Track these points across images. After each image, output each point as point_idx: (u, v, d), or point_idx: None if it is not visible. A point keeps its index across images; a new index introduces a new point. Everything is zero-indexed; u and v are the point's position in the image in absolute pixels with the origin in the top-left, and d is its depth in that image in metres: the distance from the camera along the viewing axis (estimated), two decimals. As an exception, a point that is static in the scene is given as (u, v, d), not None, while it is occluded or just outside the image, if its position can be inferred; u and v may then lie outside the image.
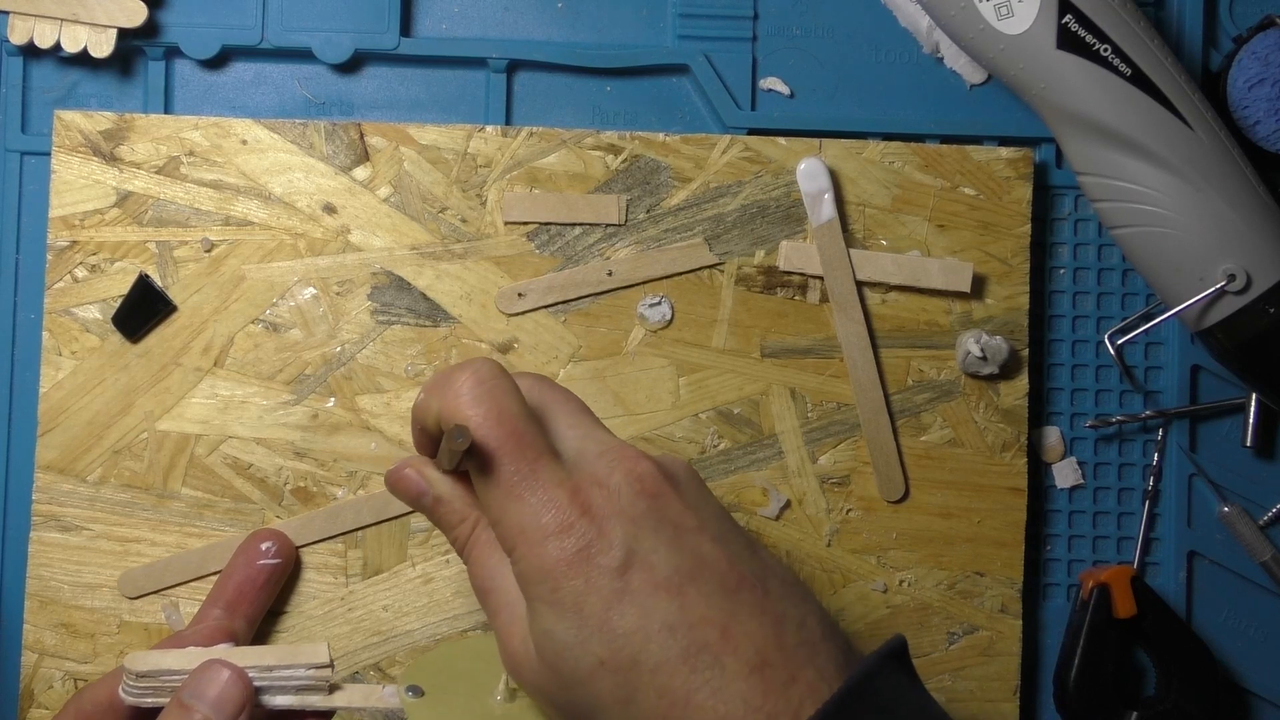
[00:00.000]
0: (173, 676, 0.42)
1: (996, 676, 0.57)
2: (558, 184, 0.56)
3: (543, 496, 0.38)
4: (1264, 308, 0.53)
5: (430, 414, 0.41)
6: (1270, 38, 0.57)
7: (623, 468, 0.39)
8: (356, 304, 0.56)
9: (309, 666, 0.43)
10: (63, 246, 0.55)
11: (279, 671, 0.43)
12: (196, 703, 0.41)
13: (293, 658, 0.43)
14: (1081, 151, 0.54)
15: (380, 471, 0.55)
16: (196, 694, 0.41)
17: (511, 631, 0.39)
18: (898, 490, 0.57)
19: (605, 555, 0.37)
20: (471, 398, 0.39)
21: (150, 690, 0.43)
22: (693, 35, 0.58)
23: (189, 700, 0.41)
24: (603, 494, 0.38)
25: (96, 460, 0.55)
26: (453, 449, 0.39)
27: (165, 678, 0.42)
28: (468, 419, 0.39)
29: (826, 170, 0.56)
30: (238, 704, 0.41)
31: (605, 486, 0.38)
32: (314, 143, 0.56)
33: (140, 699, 0.43)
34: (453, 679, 0.45)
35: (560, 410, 0.42)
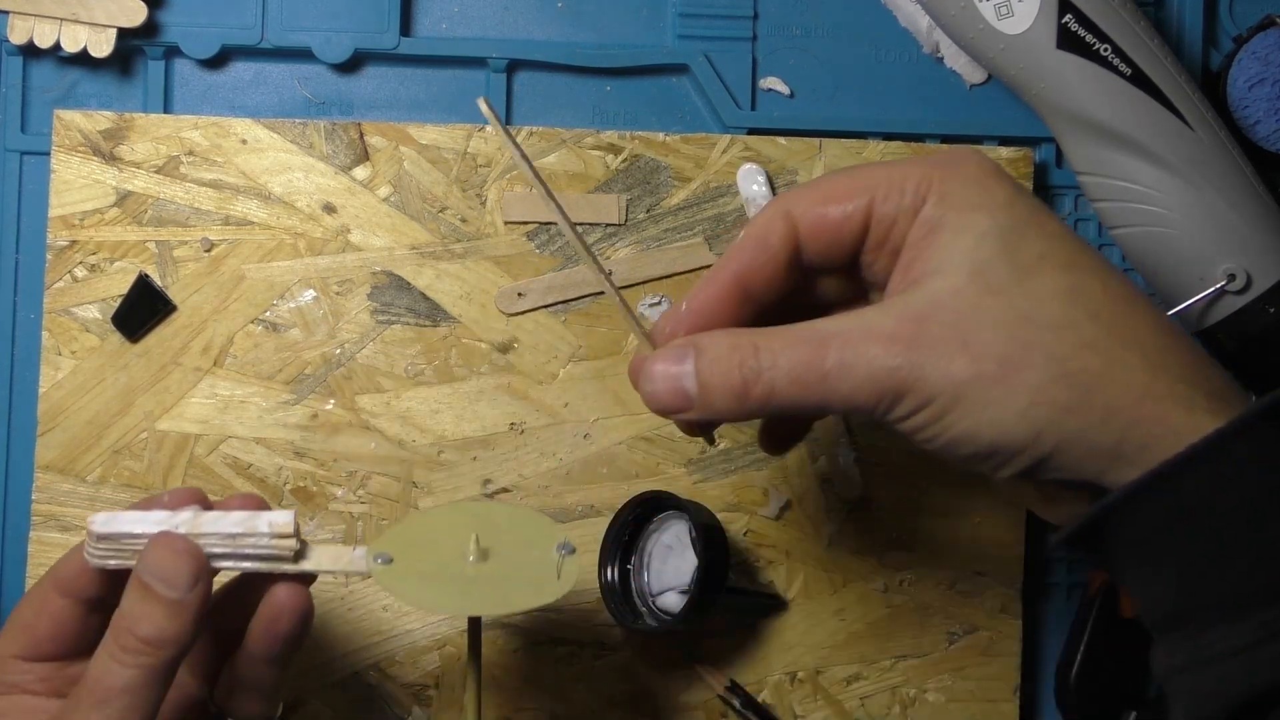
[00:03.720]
0: (134, 540, 0.42)
1: (996, 676, 0.57)
2: (558, 184, 0.56)
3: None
4: (1264, 308, 0.53)
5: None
6: (1270, 38, 0.57)
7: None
8: (356, 304, 0.56)
9: (272, 535, 0.42)
10: (62, 246, 0.55)
11: (242, 540, 0.42)
12: (151, 578, 0.40)
13: (256, 525, 0.42)
14: (1081, 151, 0.54)
15: (380, 471, 0.55)
16: (149, 568, 0.41)
17: (902, 307, 0.38)
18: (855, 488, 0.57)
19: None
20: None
21: (112, 552, 0.42)
22: (693, 35, 0.58)
23: (144, 576, 0.41)
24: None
25: (96, 460, 0.55)
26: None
27: (126, 540, 0.42)
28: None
29: (764, 175, 0.56)
30: (189, 579, 0.41)
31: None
32: (314, 142, 0.56)
33: (104, 561, 0.42)
34: (421, 547, 0.45)
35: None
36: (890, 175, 0.39)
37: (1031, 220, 0.38)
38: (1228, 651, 0.34)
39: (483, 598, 0.43)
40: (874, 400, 0.37)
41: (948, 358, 0.36)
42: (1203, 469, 0.34)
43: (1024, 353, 0.36)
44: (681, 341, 0.40)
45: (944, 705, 0.57)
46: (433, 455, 0.56)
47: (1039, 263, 0.37)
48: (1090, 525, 0.36)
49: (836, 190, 0.40)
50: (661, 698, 0.56)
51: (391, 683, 0.55)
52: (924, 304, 0.37)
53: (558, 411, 0.56)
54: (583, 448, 0.56)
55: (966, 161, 0.39)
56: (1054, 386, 0.36)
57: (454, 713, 0.55)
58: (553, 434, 0.56)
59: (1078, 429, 0.36)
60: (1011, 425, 0.36)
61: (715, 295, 0.41)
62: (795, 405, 0.38)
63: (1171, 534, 0.35)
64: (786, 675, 0.57)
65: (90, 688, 0.40)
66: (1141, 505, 0.35)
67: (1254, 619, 0.34)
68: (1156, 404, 0.35)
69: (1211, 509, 0.35)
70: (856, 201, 0.40)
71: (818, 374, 0.37)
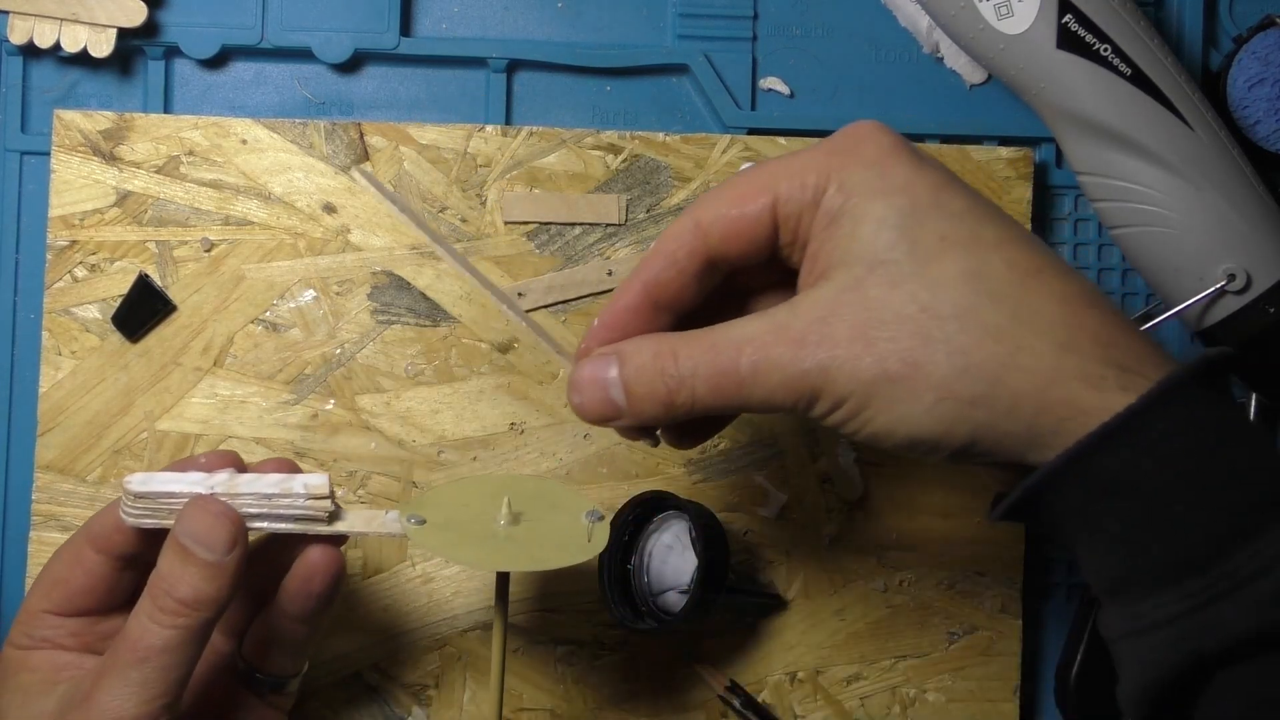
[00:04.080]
0: (171, 500, 0.42)
1: (996, 676, 0.57)
2: (558, 184, 0.56)
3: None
4: (1264, 308, 0.53)
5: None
6: (1270, 38, 0.57)
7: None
8: (356, 304, 0.56)
9: (307, 496, 0.43)
10: (62, 246, 0.55)
11: (278, 501, 0.43)
12: (189, 541, 0.41)
13: (292, 487, 0.43)
14: (1081, 151, 0.54)
15: (380, 471, 0.55)
16: (187, 531, 0.41)
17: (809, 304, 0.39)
18: (855, 488, 0.57)
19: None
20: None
21: (148, 512, 0.42)
22: (693, 35, 0.58)
23: (182, 539, 0.41)
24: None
25: (96, 460, 0.55)
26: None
27: (162, 501, 0.42)
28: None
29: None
30: (227, 542, 0.41)
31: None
32: (314, 142, 0.56)
33: (139, 520, 0.43)
34: (453, 511, 0.45)
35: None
36: (790, 169, 0.40)
37: (932, 200, 0.38)
38: (1162, 620, 0.35)
39: (516, 555, 0.44)
40: (791, 401, 0.38)
41: (854, 358, 0.37)
42: (1118, 446, 0.35)
43: (926, 348, 0.36)
44: (606, 350, 0.41)
45: (944, 705, 0.57)
46: (433, 455, 0.56)
47: (940, 245, 0.37)
48: (1020, 503, 0.37)
49: (741, 192, 0.41)
50: (661, 698, 0.56)
51: (391, 683, 0.55)
52: (828, 301, 0.38)
53: (558, 411, 0.56)
54: (583, 448, 0.56)
55: (864, 143, 0.39)
56: (958, 381, 0.36)
57: (454, 712, 0.55)
58: (553, 434, 0.56)
59: (987, 420, 0.36)
60: (922, 421, 0.37)
61: (626, 308, 0.42)
62: (719, 409, 0.39)
63: (1099, 508, 0.36)
64: (786, 675, 0.57)
65: (129, 647, 0.41)
66: (1062, 485, 0.36)
67: (1183, 588, 0.35)
68: (1064, 387, 0.36)
69: (1133, 483, 0.35)
70: (761, 201, 0.40)
71: (734, 381, 0.38)
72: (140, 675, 0.40)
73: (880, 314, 0.37)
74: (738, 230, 0.40)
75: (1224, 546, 0.34)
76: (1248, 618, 0.33)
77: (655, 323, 0.42)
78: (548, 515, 0.46)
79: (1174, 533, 0.35)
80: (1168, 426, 0.35)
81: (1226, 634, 0.33)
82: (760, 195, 0.40)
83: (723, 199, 0.41)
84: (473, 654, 0.56)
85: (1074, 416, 0.35)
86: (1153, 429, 0.35)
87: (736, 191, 0.41)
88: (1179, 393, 0.35)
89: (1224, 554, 0.34)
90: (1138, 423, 0.35)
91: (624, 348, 0.41)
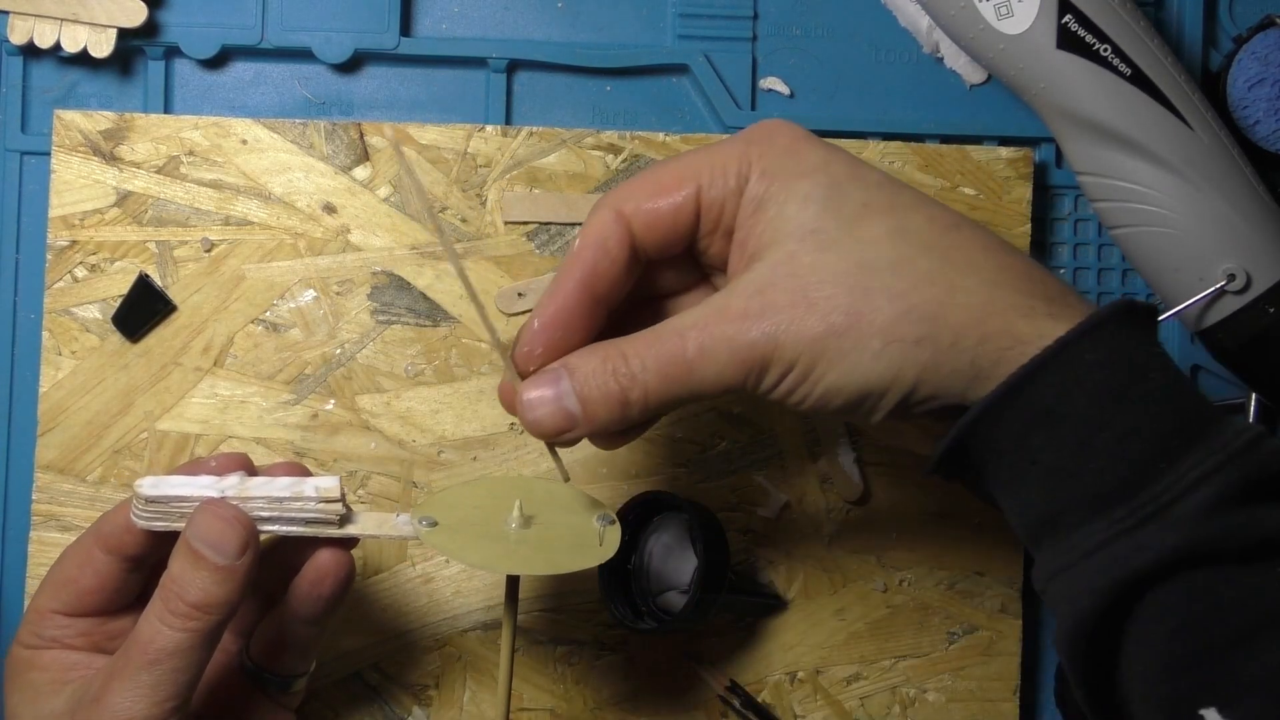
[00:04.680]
0: (181, 503, 0.42)
1: (996, 676, 0.57)
2: (558, 184, 0.56)
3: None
4: (1264, 308, 0.53)
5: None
6: (1270, 38, 0.57)
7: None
8: (356, 304, 0.56)
9: (319, 500, 0.43)
10: (63, 246, 0.55)
11: (289, 504, 0.43)
12: (200, 545, 0.41)
13: (303, 490, 0.43)
14: (1081, 151, 0.54)
15: (380, 471, 0.55)
16: (199, 535, 0.42)
17: (745, 282, 0.40)
18: (855, 488, 0.57)
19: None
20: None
21: (159, 515, 0.43)
22: (693, 35, 0.58)
23: (194, 542, 0.41)
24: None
25: (96, 460, 0.55)
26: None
27: (174, 504, 0.42)
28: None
29: None
30: (238, 546, 0.42)
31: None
32: (314, 142, 0.56)
33: (150, 523, 0.43)
34: (464, 513, 0.46)
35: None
36: (712, 159, 0.41)
37: (849, 174, 0.40)
38: (1091, 548, 0.36)
39: (529, 558, 0.44)
40: (742, 376, 0.39)
41: (799, 320, 0.38)
42: (1051, 374, 0.36)
43: (867, 298, 0.38)
44: (551, 366, 0.42)
45: (944, 705, 0.57)
46: (433, 455, 0.56)
47: (863, 211, 0.39)
48: (957, 445, 0.38)
49: (664, 182, 0.42)
50: (661, 698, 0.56)
51: (391, 683, 0.55)
52: (766, 276, 0.39)
53: (558, 411, 0.56)
54: (583, 448, 0.56)
55: (777, 133, 0.41)
56: (901, 323, 0.37)
57: (454, 712, 0.55)
58: (553, 434, 0.56)
59: (932, 358, 0.37)
60: (871, 368, 0.38)
61: (565, 305, 0.42)
62: (672, 399, 0.40)
63: (1031, 441, 0.37)
64: (786, 675, 0.57)
65: (140, 649, 0.41)
66: (1000, 416, 0.37)
67: (1112, 514, 0.36)
68: (1000, 318, 0.37)
69: (1064, 412, 0.36)
70: (684, 191, 0.41)
71: (683, 366, 0.39)
72: (151, 677, 0.41)
73: (818, 275, 0.38)
74: (660, 220, 0.42)
75: (1149, 472, 0.35)
76: (1173, 537, 0.34)
77: (593, 318, 0.43)
78: (559, 518, 0.46)
79: (1102, 461, 0.36)
80: (1097, 357, 0.36)
81: (1154, 554, 0.35)
82: (683, 185, 0.41)
83: (644, 189, 0.42)
84: (473, 654, 0.56)
85: (1012, 346, 0.37)
86: (1083, 359, 0.36)
87: (658, 181, 0.42)
88: (1108, 324, 0.37)
89: (1149, 479, 0.35)
90: (1069, 352, 0.36)
91: (570, 359, 0.42)
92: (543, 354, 0.43)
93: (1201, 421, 0.36)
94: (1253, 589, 0.34)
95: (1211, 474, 0.35)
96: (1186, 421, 0.36)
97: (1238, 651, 0.34)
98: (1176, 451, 0.35)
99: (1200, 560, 0.34)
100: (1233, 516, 0.34)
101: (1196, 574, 0.34)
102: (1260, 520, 0.35)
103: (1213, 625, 0.34)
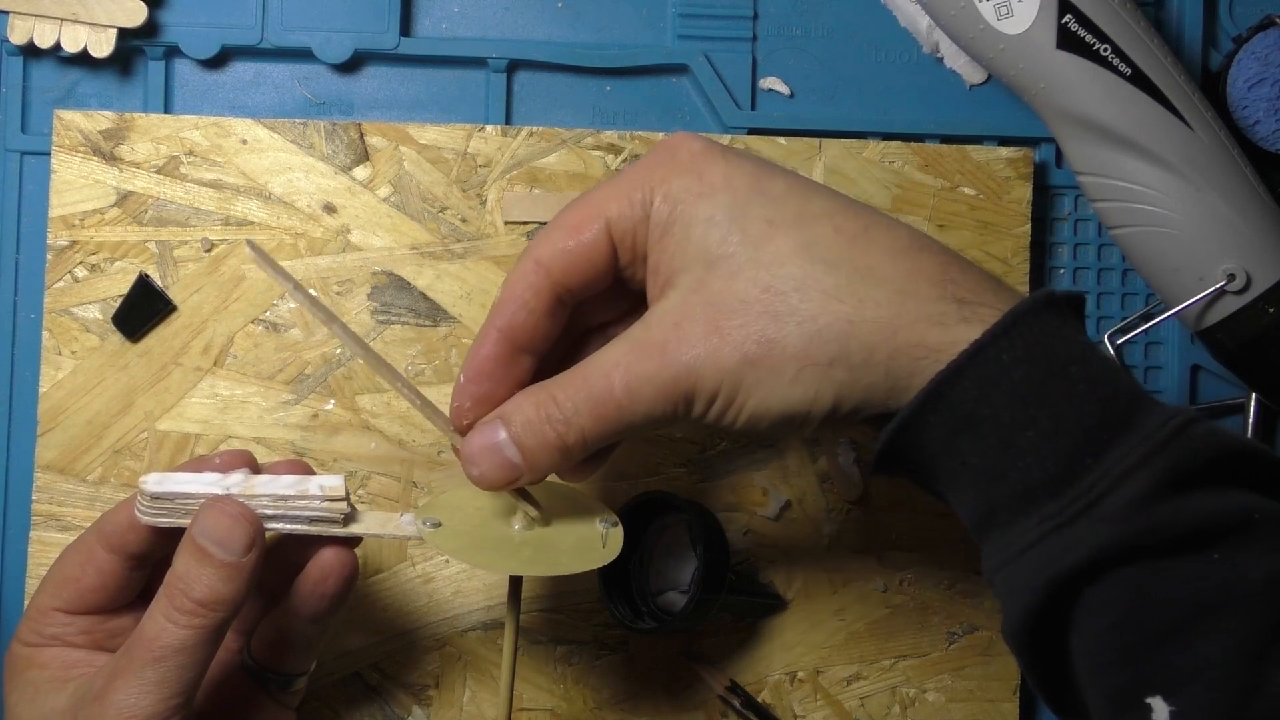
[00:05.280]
0: (186, 500, 0.42)
1: (996, 676, 0.57)
2: (558, 184, 0.56)
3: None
4: (1264, 308, 0.53)
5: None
6: (1270, 38, 0.57)
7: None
8: (356, 304, 0.56)
9: (324, 498, 0.43)
10: (63, 246, 0.55)
11: (294, 502, 0.43)
12: (206, 542, 0.41)
13: (308, 488, 0.43)
14: (1081, 151, 0.54)
15: (380, 471, 0.55)
16: (205, 532, 0.42)
17: (660, 315, 0.40)
18: (855, 488, 0.57)
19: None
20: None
21: (164, 511, 0.43)
22: (693, 35, 0.58)
23: (200, 539, 0.42)
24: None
25: (96, 460, 0.55)
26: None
27: (179, 501, 0.42)
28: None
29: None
30: (245, 543, 0.42)
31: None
32: (314, 142, 0.56)
33: (155, 519, 0.43)
34: (467, 515, 0.46)
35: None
36: (617, 189, 0.41)
37: (752, 189, 0.40)
38: (1025, 546, 0.36)
39: (532, 560, 0.44)
40: (671, 409, 0.39)
41: (715, 352, 0.38)
42: (968, 379, 0.36)
43: (777, 324, 0.38)
44: (488, 418, 0.42)
45: (944, 705, 0.57)
46: (432, 455, 0.56)
47: (768, 229, 0.39)
48: (888, 452, 0.38)
49: (574, 223, 0.42)
50: (661, 698, 0.56)
51: (391, 683, 0.55)
52: (679, 306, 0.39)
53: (558, 411, 0.56)
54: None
55: (678, 152, 0.41)
56: (813, 347, 0.38)
57: (454, 712, 0.55)
58: (553, 434, 0.56)
59: (847, 377, 0.38)
60: (790, 393, 0.38)
61: (488, 359, 0.43)
62: (612, 436, 0.41)
63: (957, 444, 0.37)
64: (786, 675, 0.57)
65: (144, 646, 0.41)
66: (924, 423, 0.37)
67: (1042, 512, 0.36)
68: (911, 330, 0.37)
69: (985, 414, 0.36)
70: (595, 227, 0.41)
71: (613, 406, 0.40)
72: (156, 675, 0.41)
73: (728, 304, 0.39)
74: (578, 261, 0.42)
75: (1075, 468, 0.35)
76: (1102, 533, 0.35)
77: (519, 367, 0.43)
78: (561, 520, 0.46)
79: (1028, 459, 0.36)
80: (1014, 355, 0.36)
81: (1084, 552, 0.35)
82: (592, 222, 0.41)
83: (557, 233, 0.42)
84: (473, 654, 0.56)
85: (926, 356, 0.37)
86: (999, 360, 0.36)
87: (570, 223, 0.42)
88: (1023, 322, 0.37)
89: (1076, 475, 0.35)
90: (984, 355, 0.36)
91: (505, 409, 0.42)
92: (472, 408, 0.43)
93: (1127, 411, 0.36)
94: (1184, 579, 0.34)
95: (1137, 467, 0.35)
96: (1111, 413, 0.36)
97: (1174, 643, 0.34)
98: (1102, 445, 0.35)
99: (1131, 555, 0.34)
100: (1161, 509, 0.34)
101: (1128, 569, 0.35)
102: (1189, 510, 0.35)
103: (1148, 618, 0.34)
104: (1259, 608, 0.34)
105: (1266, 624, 0.34)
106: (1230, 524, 0.35)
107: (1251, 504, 0.35)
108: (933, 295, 0.38)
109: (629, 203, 0.41)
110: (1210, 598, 0.34)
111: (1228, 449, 0.35)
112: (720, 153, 0.41)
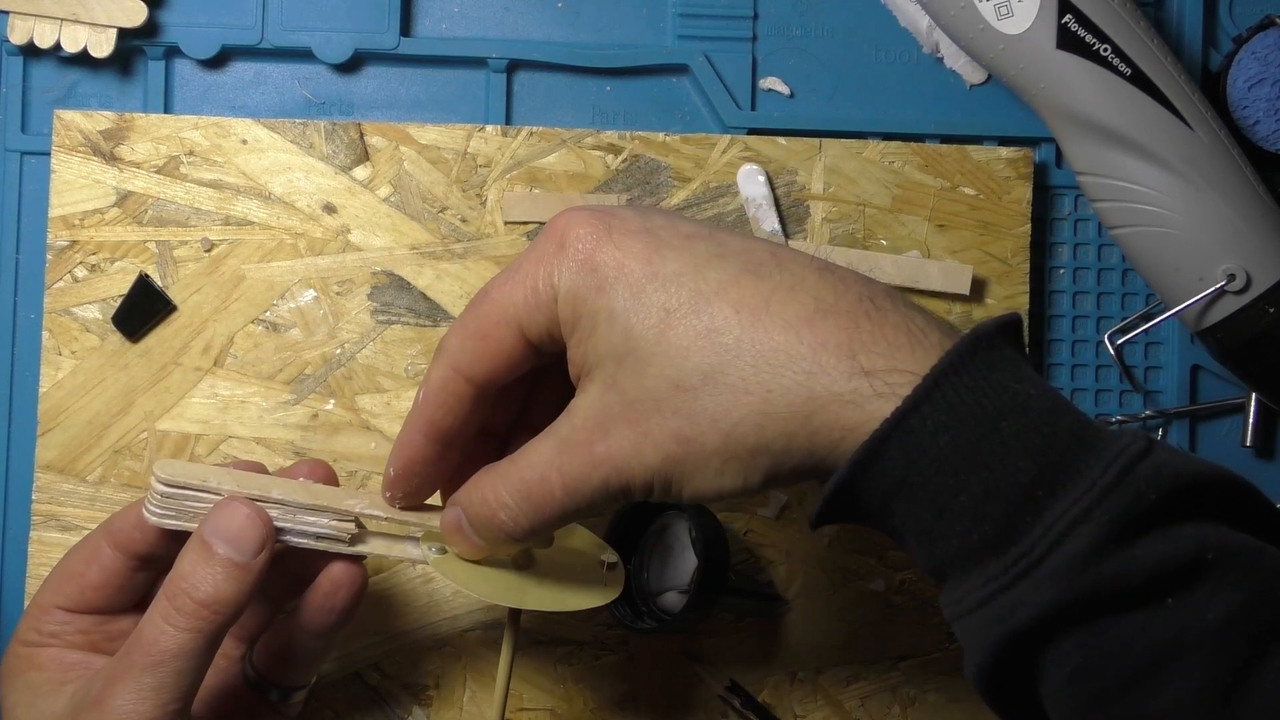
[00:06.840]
0: (198, 502, 0.42)
1: (996, 676, 0.57)
2: (558, 184, 0.56)
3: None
4: (1264, 308, 0.53)
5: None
6: (1270, 38, 0.57)
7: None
8: (356, 304, 0.56)
9: (334, 516, 0.43)
10: (63, 246, 0.55)
11: (303, 516, 0.43)
12: (215, 540, 0.41)
13: (320, 501, 0.43)
14: (1081, 151, 0.54)
15: (380, 472, 0.55)
16: (216, 530, 0.41)
17: (578, 414, 0.40)
18: None
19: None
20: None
21: (173, 512, 0.42)
22: (693, 35, 0.58)
23: (209, 537, 0.41)
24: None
25: (96, 460, 0.55)
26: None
27: (190, 502, 0.42)
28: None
29: (764, 175, 0.56)
30: (256, 544, 0.41)
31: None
32: (314, 142, 0.56)
33: (162, 519, 0.42)
34: None
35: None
36: (524, 287, 0.40)
37: (646, 275, 0.38)
38: (974, 604, 0.35)
39: (535, 594, 0.44)
40: (614, 499, 0.40)
41: (638, 453, 0.38)
42: (893, 449, 0.35)
43: (692, 423, 0.37)
44: (451, 501, 0.43)
45: (944, 705, 0.57)
46: (433, 455, 0.56)
47: (666, 318, 0.38)
48: (826, 513, 0.38)
49: (486, 328, 0.41)
50: (661, 698, 0.56)
51: (391, 683, 0.55)
52: (596, 405, 0.39)
53: (558, 411, 0.56)
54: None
55: (568, 242, 0.39)
56: (730, 443, 0.37)
57: (454, 712, 0.55)
58: (553, 434, 0.56)
59: (771, 462, 0.37)
60: (720, 481, 0.38)
61: (415, 456, 0.43)
62: (558, 525, 0.41)
63: (893, 507, 0.36)
64: (786, 675, 0.57)
65: (143, 650, 0.41)
66: (857, 489, 0.36)
67: (987, 571, 0.35)
68: (825, 413, 0.36)
69: (916, 481, 0.35)
70: (507, 331, 0.41)
71: (555, 506, 0.40)
72: (154, 679, 0.40)
73: (643, 403, 0.38)
74: (496, 367, 0.41)
75: (1014, 528, 0.35)
76: (1048, 593, 0.34)
77: (449, 459, 0.43)
78: (564, 554, 0.47)
79: (966, 523, 0.35)
80: (937, 420, 0.35)
81: (1032, 611, 0.34)
82: (504, 326, 0.41)
83: (470, 338, 0.41)
84: (473, 654, 0.56)
85: (845, 436, 0.36)
86: (923, 427, 0.35)
87: (479, 330, 0.41)
88: (945, 383, 0.35)
89: (1017, 533, 0.34)
90: (906, 425, 0.35)
91: (459, 496, 0.43)
92: (403, 498, 0.44)
93: (1066, 460, 0.35)
94: (1141, 627, 0.34)
95: (1079, 521, 0.34)
96: (1048, 465, 0.34)
97: (1137, 692, 0.34)
98: (1041, 501, 0.34)
99: (1083, 611, 0.34)
100: (1108, 563, 0.33)
101: (1080, 626, 0.34)
102: (1138, 560, 0.33)
103: (1109, 668, 0.34)
104: (1218, 650, 0.33)
105: (1227, 666, 0.33)
106: (1183, 566, 0.33)
107: (1206, 539, 0.34)
108: (841, 370, 0.36)
109: (535, 305, 0.40)
110: (1169, 645, 0.33)
111: (1175, 485, 0.34)
112: (607, 234, 0.39)
